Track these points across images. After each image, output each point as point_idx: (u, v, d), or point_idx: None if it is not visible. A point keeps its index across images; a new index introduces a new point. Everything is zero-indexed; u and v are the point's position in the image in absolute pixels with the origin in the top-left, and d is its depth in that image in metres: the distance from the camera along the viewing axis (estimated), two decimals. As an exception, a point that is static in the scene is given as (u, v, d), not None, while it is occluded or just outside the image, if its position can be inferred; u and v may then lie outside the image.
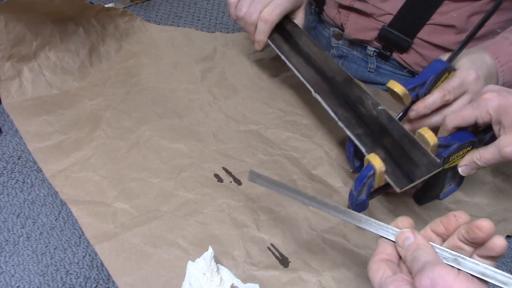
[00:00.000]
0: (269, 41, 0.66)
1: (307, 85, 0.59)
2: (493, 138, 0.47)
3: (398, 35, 0.64)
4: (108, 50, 0.78)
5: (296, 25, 0.67)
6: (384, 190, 0.50)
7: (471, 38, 0.51)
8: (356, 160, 0.54)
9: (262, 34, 0.65)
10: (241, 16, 0.65)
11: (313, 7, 0.79)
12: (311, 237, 0.53)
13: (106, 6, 0.78)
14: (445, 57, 0.52)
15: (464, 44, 0.51)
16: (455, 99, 0.50)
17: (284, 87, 0.74)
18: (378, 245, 0.40)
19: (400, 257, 0.39)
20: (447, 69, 0.50)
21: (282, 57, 0.64)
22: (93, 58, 0.76)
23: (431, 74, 0.50)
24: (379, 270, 0.38)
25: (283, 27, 0.67)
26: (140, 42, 0.81)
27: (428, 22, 0.62)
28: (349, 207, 0.48)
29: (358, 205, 0.48)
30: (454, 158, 0.49)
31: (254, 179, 0.46)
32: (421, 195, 0.56)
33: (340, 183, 0.59)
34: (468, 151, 0.49)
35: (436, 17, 0.61)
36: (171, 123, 0.67)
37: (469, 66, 0.50)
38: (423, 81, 0.50)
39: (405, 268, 0.38)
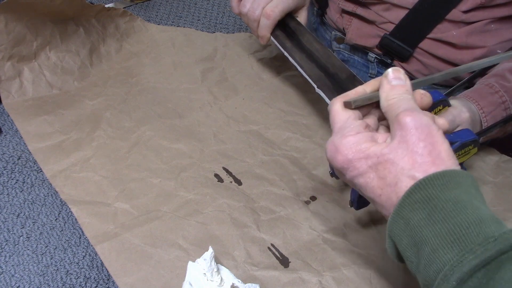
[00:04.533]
0: (272, 37, 0.66)
1: (310, 80, 0.59)
2: (493, 141, 0.47)
3: (399, 44, 0.64)
4: (109, 50, 0.78)
5: (299, 23, 0.67)
6: None
7: (472, 79, 0.53)
8: None
9: (264, 30, 0.65)
10: (244, 12, 0.66)
11: (315, 8, 0.79)
12: (312, 237, 0.53)
13: (106, 6, 0.79)
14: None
15: (463, 83, 0.53)
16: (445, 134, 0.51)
17: (284, 87, 0.74)
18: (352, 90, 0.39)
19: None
20: (443, 102, 0.51)
21: (285, 53, 0.64)
22: (93, 58, 0.76)
23: None
24: (347, 113, 0.37)
25: (286, 25, 0.67)
26: (141, 42, 0.81)
27: (428, 36, 0.62)
28: (351, 204, 0.48)
29: (360, 201, 0.48)
30: (456, 156, 0.49)
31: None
32: None
33: (340, 183, 0.59)
34: (471, 149, 0.49)
35: (436, 32, 0.62)
36: (171, 123, 0.67)
37: (462, 106, 0.53)
38: None
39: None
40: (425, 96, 0.38)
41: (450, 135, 0.49)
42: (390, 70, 0.37)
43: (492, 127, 0.54)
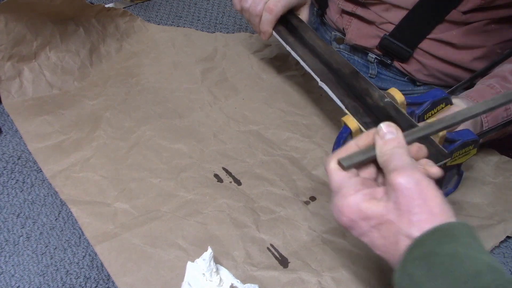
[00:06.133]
0: (274, 32, 0.66)
1: (313, 74, 0.59)
2: (492, 142, 0.47)
3: (399, 45, 0.64)
4: (109, 50, 0.78)
5: (301, 20, 0.67)
6: None
7: (474, 78, 0.53)
8: None
9: (266, 25, 0.65)
10: (246, 8, 0.65)
11: (315, 8, 0.79)
12: (311, 238, 0.53)
13: (106, 6, 0.79)
14: None
15: (465, 82, 0.53)
16: None
17: (284, 87, 0.74)
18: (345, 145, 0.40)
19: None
20: (445, 100, 0.51)
21: (287, 47, 0.64)
22: (93, 58, 0.76)
23: (430, 98, 0.51)
24: (342, 171, 0.38)
25: (288, 21, 0.67)
26: (141, 42, 0.81)
27: (428, 36, 0.62)
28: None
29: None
30: (456, 156, 0.49)
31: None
32: None
33: (340, 183, 0.59)
34: (470, 150, 0.49)
35: (436, 32, 0.62)
36: (171, 123, 0.67)
37: (464, 105, 0.53)
38: (421, 102, 0.51)
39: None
40: (420, 150, 0.39)
41: (452, 134, 0.49)
42: (381, 125, 0.38)
43: (493, 129, 0.54)
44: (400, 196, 0.34)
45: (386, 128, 0.38)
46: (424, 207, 0.33)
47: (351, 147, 0.39)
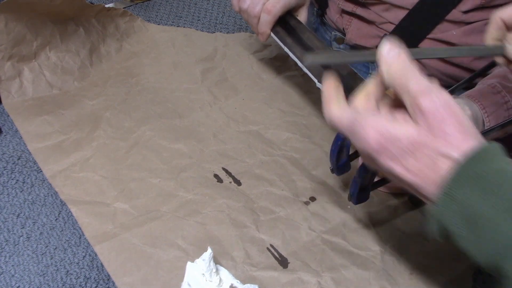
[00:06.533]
0: (272, 33, 0.66)
1: (311, 75, 0.59)
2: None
3: None
4: (109, 50, 0.78)
5: (299, 22, 0.67)
6: (385, 182, 0.50)
7: (473, 78, 0.53)
8: (339, 157, 0.52)
9: (264, 26, 0.65)
10: (244, 8, 0.65)
11: (315, 8, 0.79)
12: (311, 238, 0.53)
13: (106, 6, 0.79)
14: None
15: (464, 82, 0.53)
16: None
17: (284, 87, 0.74)
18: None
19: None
20: None
21: (285, 48, 0.64)
22: (93, 58, 0.76)
23: None
24: (348, 107, 0.36)
25: (286, 22, 0.67)
26: (141, 42, 0.81)
27: (428, 36, 0.62)
28: (349, 198, 0.48)
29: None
30: None
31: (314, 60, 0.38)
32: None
33: (340, 183, 0.59)
34: None
35: (436, 32, 0.62)
36: (171, 123, 0.67)
37: (464, 104, 0.53)
38: None
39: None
40: None
41: None
42: (386, 43, 0.35)
43: (494, 128, 0.54)
44: (431, 119, 0.32)
45: (390, 46, 0.34)
46: (458, 127, 0.32)
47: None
